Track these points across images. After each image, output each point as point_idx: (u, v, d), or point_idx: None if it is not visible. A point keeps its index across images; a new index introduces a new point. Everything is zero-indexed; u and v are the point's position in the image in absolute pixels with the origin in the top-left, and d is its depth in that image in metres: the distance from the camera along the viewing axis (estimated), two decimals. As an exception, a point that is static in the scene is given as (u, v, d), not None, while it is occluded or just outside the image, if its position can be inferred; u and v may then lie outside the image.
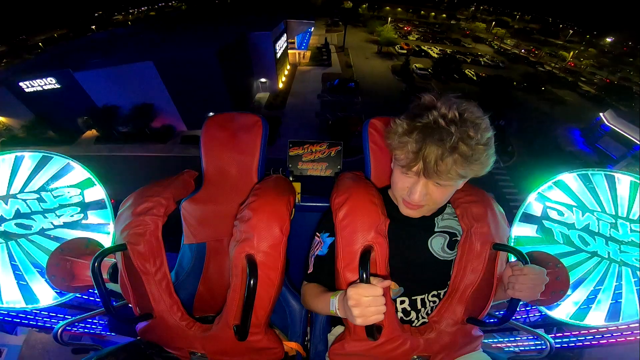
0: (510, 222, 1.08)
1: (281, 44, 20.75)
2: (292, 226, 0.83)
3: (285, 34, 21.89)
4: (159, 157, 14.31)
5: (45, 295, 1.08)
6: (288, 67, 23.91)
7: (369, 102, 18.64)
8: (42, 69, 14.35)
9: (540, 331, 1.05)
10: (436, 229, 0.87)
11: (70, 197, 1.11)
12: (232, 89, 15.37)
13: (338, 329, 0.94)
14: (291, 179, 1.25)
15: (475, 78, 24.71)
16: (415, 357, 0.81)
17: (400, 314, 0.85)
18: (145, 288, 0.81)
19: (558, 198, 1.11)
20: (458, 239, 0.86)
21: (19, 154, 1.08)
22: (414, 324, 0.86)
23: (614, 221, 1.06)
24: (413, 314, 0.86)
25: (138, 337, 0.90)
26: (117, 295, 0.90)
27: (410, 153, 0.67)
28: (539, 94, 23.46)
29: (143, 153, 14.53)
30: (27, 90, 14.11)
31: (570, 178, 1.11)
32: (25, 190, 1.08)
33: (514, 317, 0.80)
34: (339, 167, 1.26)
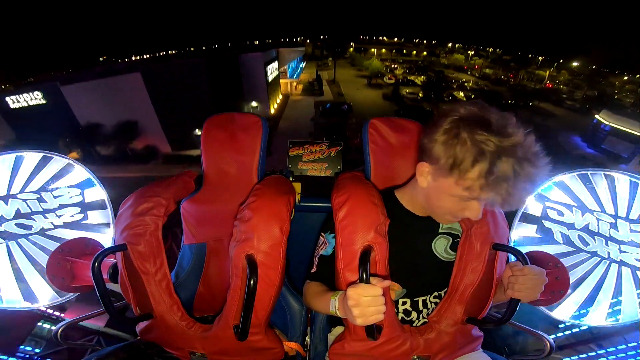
0: (510, 222, 1.08)
1: (272, 69, 20.77)
2: (292, 226, 0.83)
3: (276, 61, 22.07)
4: (138, 177, 13.33)
5: (45, 295, 1.08)
6: (280, 96, 24.21)
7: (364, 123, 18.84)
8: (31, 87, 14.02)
9: (540, 331, 1.05)
10: (440, 230, 0.87)
11: (71, 197, 1.11)
12: (221, 108, 14.99)
13: (338, 329, 0.94)
14: (291, 179, 1.25)
15: (464, 99, 25.68)
16: (415, 357, 0.81)
17: (401, 315, 0.86)
18: (145, 288, 0.81)
19: (558, 198, 1.11)
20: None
21: (19, 153, 1.08)
22: (414, 324, 0.86)
23: (613, 221, 1.06)
24: (414, 314, 0.86)
25: (138, 337, 0.90)
26: (117, 295, 0.90)
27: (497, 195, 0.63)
28: (528, 108, 24.24)
29: (121, 174, 13.64)
30: (12, 106, 13.76)
31: (570, 178, 1.11)
32: (25, 190, 1.08)
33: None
34: (339, 167, 1.26)
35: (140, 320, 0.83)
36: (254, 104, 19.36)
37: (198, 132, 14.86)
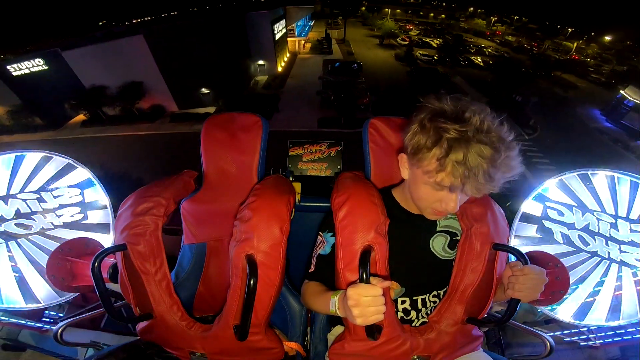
0: (510, 221, 1.08)
1: (280, 27, 20.43)
2: (292, 226, 0.83)
3: (284, 20, 21.67)
4: (145, 135, 13.75)
5: (45, 295, 1.08)
6: (287, 54, 23.77)
7: (373, 84, 18.04)
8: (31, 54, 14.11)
9: (540, 331, 1.05)
10: (438, 229, 0.87)
11: (70, 197, 1.11)
12: (227, 66, 14.97)
13: (338, 329, 0.94)
14: (291, 179, 1.25)
15: (482, 64, 24.69)
16: (415, 357, 0.81)
17: (400, 314, 0.86)
18: (145, 288, 0.81)
19: (558, 198, 1.11)
20: (459, 238, 0.86)
21: (19, 153, 1.08)
22: (414, 324, 0.86)
23: (614, 221, 1.06)
24: (413, 314, 0.86)
25: (138, 337, 0.90)
26: (117, 295, 0.90)
27: (456, 178, 0.64)
28: (550, 79, 23.02)
29: (129, 132, 14.05)
30: (14, 73, 13.81)
31: (570, 178, 1.11)
32: (25, 190, 1.08)
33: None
34: (339, 167, 1.26)
35: (140, 320, 0.83)
36: (261, 61, 19.35)
37: (204, 90, 14.96)
